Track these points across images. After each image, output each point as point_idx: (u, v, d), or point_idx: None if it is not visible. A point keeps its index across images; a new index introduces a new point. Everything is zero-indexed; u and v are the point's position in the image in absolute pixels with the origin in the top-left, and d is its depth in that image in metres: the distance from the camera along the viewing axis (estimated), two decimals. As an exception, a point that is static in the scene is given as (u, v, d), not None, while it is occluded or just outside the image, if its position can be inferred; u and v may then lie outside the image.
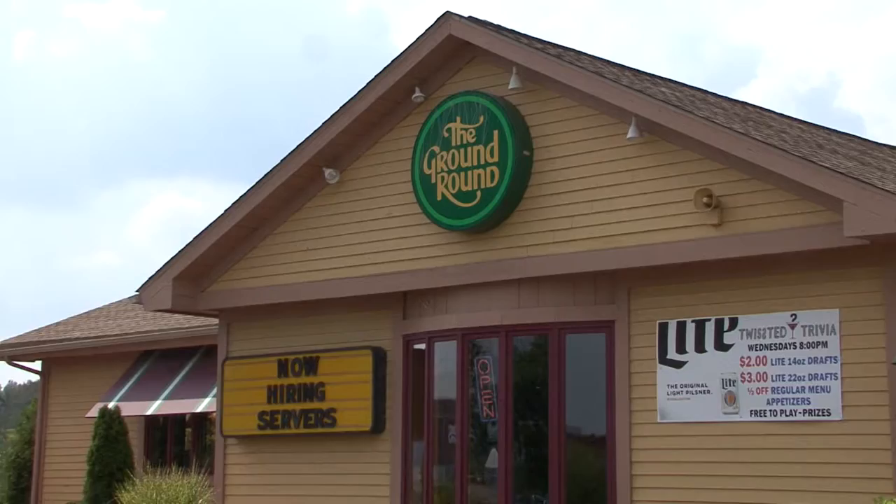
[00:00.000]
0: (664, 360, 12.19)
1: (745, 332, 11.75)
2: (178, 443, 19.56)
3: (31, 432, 21.24)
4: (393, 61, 13.64)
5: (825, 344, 11.28)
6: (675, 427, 12.04)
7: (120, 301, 23.01)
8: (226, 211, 14.94)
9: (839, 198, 10.66)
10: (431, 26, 13.39)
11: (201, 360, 18.79)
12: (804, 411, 11.32)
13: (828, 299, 11.30)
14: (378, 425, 14.06)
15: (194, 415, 18.82)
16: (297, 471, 14.78)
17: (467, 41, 13.25)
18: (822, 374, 11.27)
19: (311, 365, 14.67)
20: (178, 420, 19.36)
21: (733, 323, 11.83)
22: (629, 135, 12.04)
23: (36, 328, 22.10)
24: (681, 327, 12.11)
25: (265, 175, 14.64)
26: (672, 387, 12.10)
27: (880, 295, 11.02)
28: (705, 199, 11.50)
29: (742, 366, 11.73)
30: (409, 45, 13.59)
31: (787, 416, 11.41)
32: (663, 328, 12.22)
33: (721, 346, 11.88)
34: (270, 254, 14.96)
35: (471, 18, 13.29)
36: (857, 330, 11.13)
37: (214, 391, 16.60)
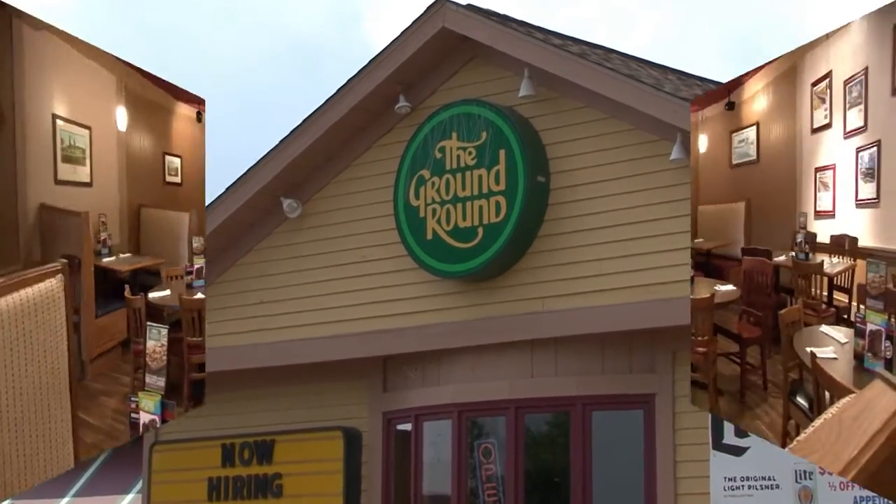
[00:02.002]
0: (719, 445, 12.13)
1: (823, 409, 11.70)
2: (92, 552, 19.51)
3: None
4: (371, 62, 13.72)
5: (927, 424, 11.22)
6: (735, 531, 11.99)
7: (18, 369, 22.99)
8: (155, 253, 14.90)
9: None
10: (420, 17, 13.50)
11: (121, 446, 18.71)
12: (901, 511, 11.25)
13: (930, 366, 11.26)
14: (350, 529, 13.99)
15: (113, 515, 18.78)
16: (245, 588, 14.69)
17: (465, 36, 13.33)
18: (923, 463, 11.21)
19: (264, 451, 14.62)
20: (92, 522, 19.30)
21: (808, 397, 11.78)
22: (673, 156, 12.08)
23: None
24: (741, 402, 12.06)
25: (206, 207, 14.59)
26: (730, 480, 12.04)
27: None
28: (772, 238, 11.48)
29: (820, 452, 11.67)
30: (391, 40, 13.67)
31: (878, 517, 11.36)
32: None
33: (793, 426, 11.83)
34: (212, 308, 14.87)
35: (470, 7, 13.39)
36: (967, 406, 11.08)
37: (139, 486, 16.53)
